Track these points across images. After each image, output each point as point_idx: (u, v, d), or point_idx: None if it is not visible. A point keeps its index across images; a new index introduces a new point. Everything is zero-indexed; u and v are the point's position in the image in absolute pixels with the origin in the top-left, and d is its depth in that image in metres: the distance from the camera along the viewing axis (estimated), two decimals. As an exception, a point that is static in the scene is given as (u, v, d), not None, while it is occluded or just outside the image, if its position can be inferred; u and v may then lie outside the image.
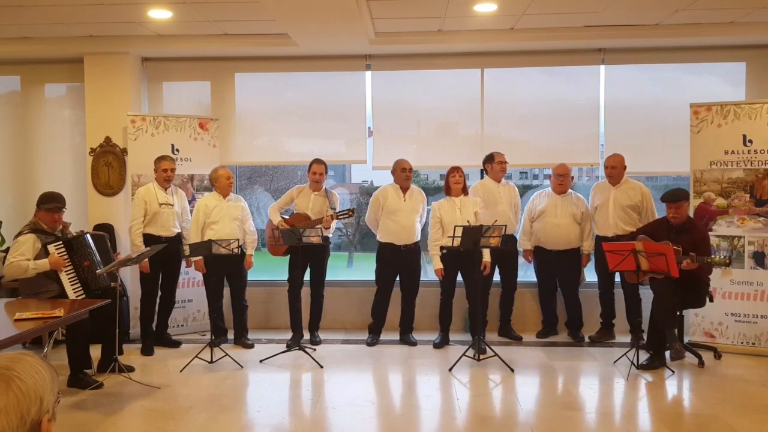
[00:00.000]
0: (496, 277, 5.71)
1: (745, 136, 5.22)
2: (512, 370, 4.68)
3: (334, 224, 5.57)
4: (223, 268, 5.29)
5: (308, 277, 5.61)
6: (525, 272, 6.08)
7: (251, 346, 5.43)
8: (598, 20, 5.37)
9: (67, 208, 4.62)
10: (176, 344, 5.49)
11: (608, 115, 6.10)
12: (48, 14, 5.08)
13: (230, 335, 5.62)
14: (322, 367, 4.84)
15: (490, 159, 5.67)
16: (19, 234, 4.43)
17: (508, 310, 5.82)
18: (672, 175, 6.44)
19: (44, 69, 6.32)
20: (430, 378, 4.63)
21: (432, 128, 6.40)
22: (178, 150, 5.89)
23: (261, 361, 4.98)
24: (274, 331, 5.97)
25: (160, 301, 5.46)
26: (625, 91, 6.09)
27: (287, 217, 5.56)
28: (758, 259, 5.17)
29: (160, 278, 5.40)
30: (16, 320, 3.44)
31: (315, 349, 5.27)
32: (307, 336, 5.63)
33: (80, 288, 4.43)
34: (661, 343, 4.77)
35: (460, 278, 5.43)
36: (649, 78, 6.12)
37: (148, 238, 5.22)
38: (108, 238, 5.03)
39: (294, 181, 7.23)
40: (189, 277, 5.87)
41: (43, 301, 4.08)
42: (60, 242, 4.43)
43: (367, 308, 5.74)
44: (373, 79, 6.27)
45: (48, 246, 4.36)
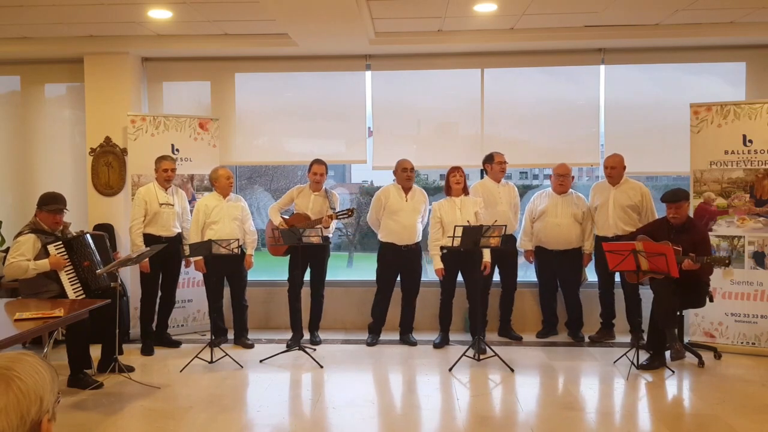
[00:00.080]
0: (496, 277, 5.71)
1: (745, 136, 5.22)
2: (512, 370, 4.69)
3: (334, 224, 5.57)
4: (223, 268, 5.29)
5: (308, 277, 5.61)
6: (525, 272, 6.08)
7: (251, 346, 5.43)
8: (598, 20, 5.37)
9: (68, 209, 4.62)
10: (176, 344, 5.49)
11: (608, 115, 6.10)
12: (48, 14, 5.08)
13: (230, 335, 5.62)
14: (322, 367, 4.84)
15: (489, 159, 5.67)
16: (19, 234, 4.42)
17: (508, 310, 5.82)
18: (672, 175, 6.44)
19: (44, 69, 6.32)
20: (430, 378, 4.63)
21: (432, 128, 6.40)
22: (178, 150, 5.89)
23: (261, 361, 4.98)
24: (274, 331, 5.97)
25: (160, 301, 5.47)
26: (625, 91, 6.09)
27: (287, 217, 5.57)
28: (758, 259, 5.17)
29: (160, 278, 5.40)
30: (16, 320, 3.44)
31: (315, 349, 5.27)
32: (307, 336, 5.63)
33: (80, 288, 4.43)
34: (661, 343, 4.76)
35: (460, 278, 5.43)
36: (649, 78, 6.12)
37: (149, 238, 5.22)
38: (108, 238, 5.03)
39: (294, 181, 7.23)
40: (189, 277, 5.87)
41: (43, 301, 4.08)
42: (60, 242, 4.43)
43: (367, 308, 5.74)
44: (373, 79, 6.27)
45: (48, 246, 4.36)
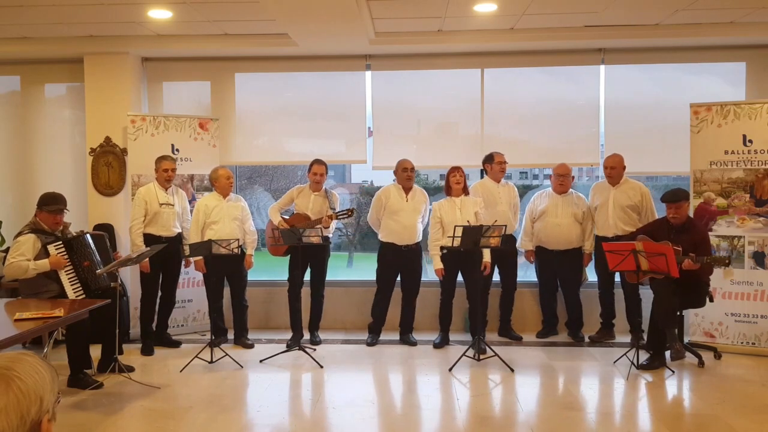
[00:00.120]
0: (496, 277, 5.71)
1: (745, 136, 5.22)
2: (512, 370, 4.69)
3: (334, 224, 5.57)
4: (223, 268, 5.29)
5: (308, 277, 5.62)
6: (525, 272, 6.08)
7: (251, 346, 5.43)
8: (598, 20, 5.37)
9: (68, 209, 4.61)
10: (176, 344, 5.49)
11: (608, 115, 6.10)
12: (48, 14, 5.08)
13: (230, 335, 5.62)
14: (322, 367, 4.84)
15: (489, 159, 5.67)
16: (19, 234, 4.42)
17: (508, 310, 5.82)
18: (672, 175, 6.44)
19: (44, 69, 6.32)
20: (430, 378, 4.63)
21: (432, 128, 6.39)
22: (178, 150, 5.89)
23: (261, 361, 4.98)
24: (274, 331, 5.97)
25: (160, 301, 5.47)
26: (625, 91, 6.09)
27: (287, 217, 5.57)
28: (758, 259, 5.17)
29: (161, 278, 5.40)
30: (16, 320, 3.44)
31: (315, 349, 5.27)
32: (307, 336, 5.63)
33: (80, 288, 4.43)
34: (661, 343, 4.76)
35: (460, 278, 5.43)
36: (649, 78, 6.12)
37: (149, 238, 5.22)
38: (108, 238, 5.02)
39: (294, 181, 7.23)
40: (189, 277, 5.87)
41: (43, 301, 4.08)
42: (60, 242, 4.42)
43: (367, 308, 5.74)
44: (373, 79, 6.27)
45: (48, 246, 4.36)
